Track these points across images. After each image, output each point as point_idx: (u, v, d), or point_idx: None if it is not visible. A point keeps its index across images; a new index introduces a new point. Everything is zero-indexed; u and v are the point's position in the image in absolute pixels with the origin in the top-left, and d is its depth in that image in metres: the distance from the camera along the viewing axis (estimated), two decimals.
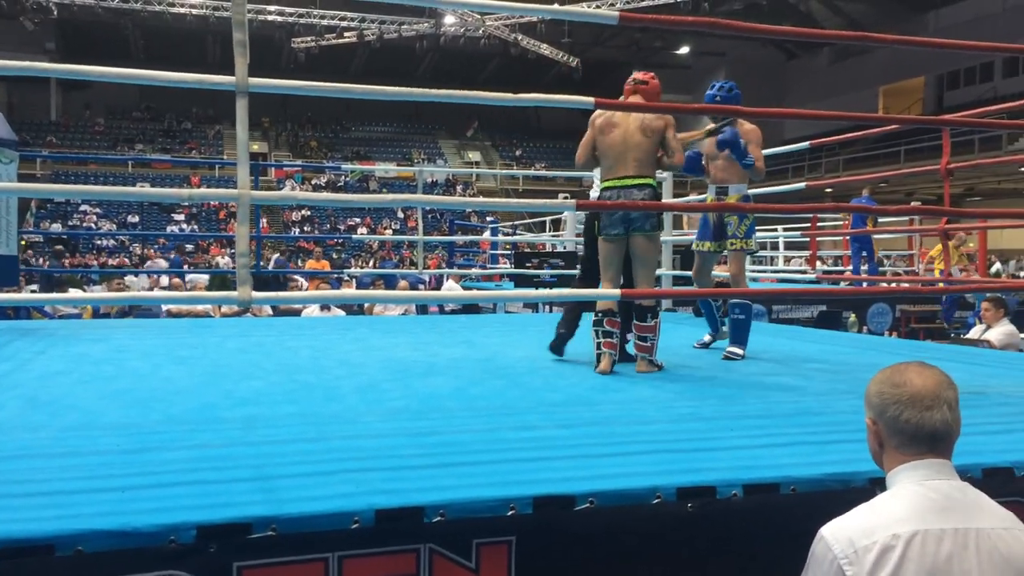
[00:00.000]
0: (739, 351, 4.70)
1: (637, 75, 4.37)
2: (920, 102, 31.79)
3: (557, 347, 4.59)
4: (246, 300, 2.63)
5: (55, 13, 27.66)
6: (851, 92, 32.52)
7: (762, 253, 14.32)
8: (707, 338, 5.28)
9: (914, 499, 1.58)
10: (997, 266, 19.33)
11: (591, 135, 4.31)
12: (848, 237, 11.66)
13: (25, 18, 27.46)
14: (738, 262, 4.97)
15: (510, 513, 1.91)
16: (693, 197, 7.02)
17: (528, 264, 9.50)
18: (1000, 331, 7.09)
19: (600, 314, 4.10)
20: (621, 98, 4.31)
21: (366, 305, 9.97)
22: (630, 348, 4.48)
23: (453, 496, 1.92)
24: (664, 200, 5.45)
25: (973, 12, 28.17)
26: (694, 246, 5.24)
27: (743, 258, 5.00)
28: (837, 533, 1.57)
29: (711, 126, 4.96)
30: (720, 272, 6.76)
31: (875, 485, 2.10)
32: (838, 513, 1.65)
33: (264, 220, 28.29)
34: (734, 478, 2.12)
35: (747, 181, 5.08)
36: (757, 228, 5.48)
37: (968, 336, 7.57)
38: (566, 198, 4.82)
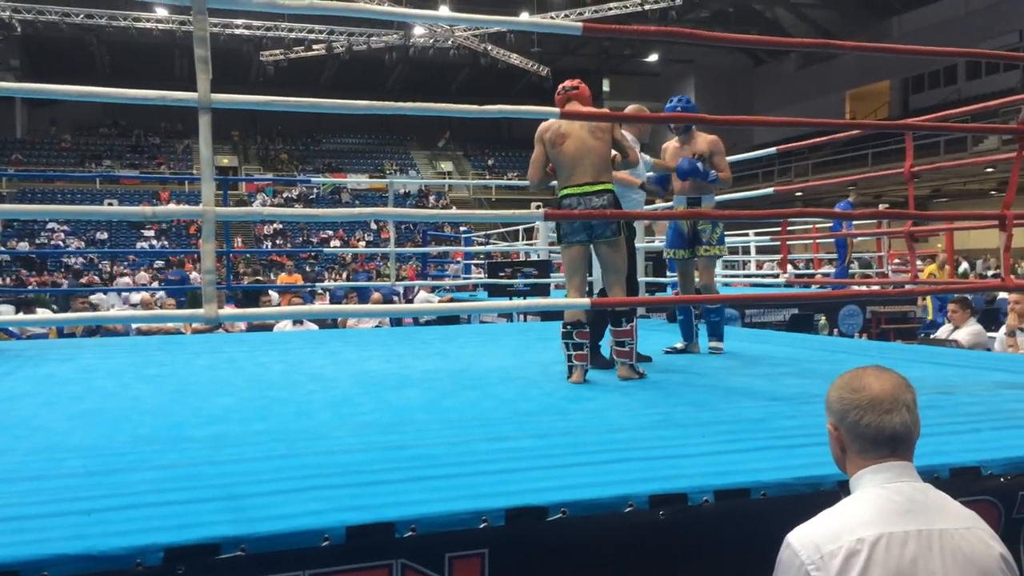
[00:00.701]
0: (721, 345, 5.19)
1: (566, 83, 4.35)
2: (886, 105, 32.23)
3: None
4: (213, 318, 2.61)
5: (19, 30, 27.36)
6: (818, 97, 32.94)
7: (734, 257, 14.45)
8: (679, 345, 5.36)
9: (877, 502, 1.60)
10: (964, 266, 19.62)
11: (541, 151, 4.25)
12: (832, 240, 11.91)
13: None
14: (710, 269, 5.30)
15: (482, 526, 1.91)
16: (660, 205, 7.07)
17: (502, 273, 9.49)
18: (968, 331, 7.18)
19: (569, 326, 4.06)
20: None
21: (339, 318, 9.92)
22: (604, 350, 4.51)
23: (424, 510, 1.91)
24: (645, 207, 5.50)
25: (936, 17, 28.65)
26: (667, 254, 5.42)
27: (714, 264, 5.39)
28: (803, 539, 1.59)
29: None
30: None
31: (843, 489, 2.11)
32: (809, 517, 1.67)
33: (240, 238, 28.13)
34: (705, 484, 2.13)
35: (715, 191, 5.34)
36: (728, 232, 5.77)
37: (936, 336, 7.66)
38: (538, 207, 4.84)
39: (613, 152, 4.24)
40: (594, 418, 3.17)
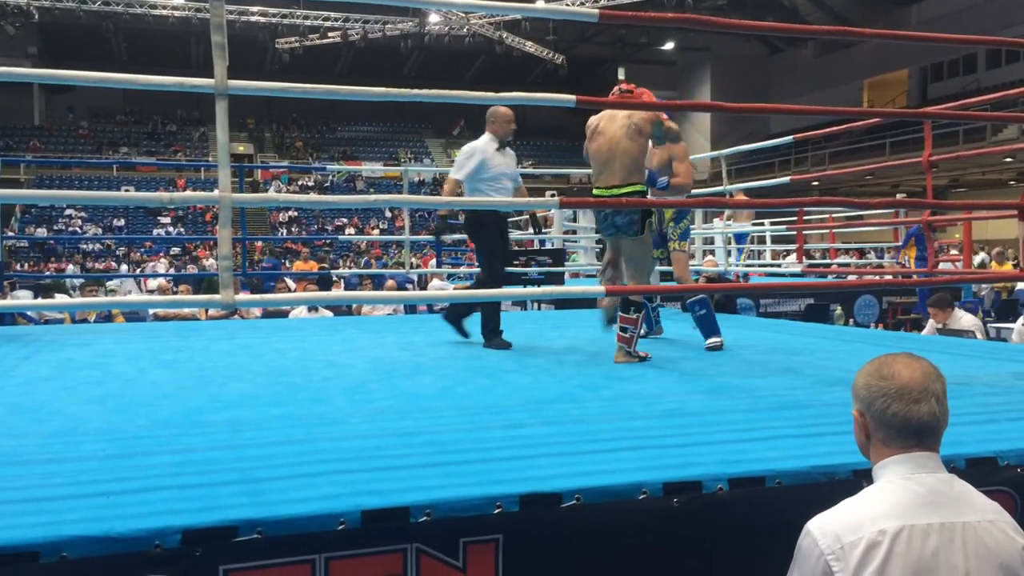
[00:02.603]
0: (718, 340, 4.91)
1: (621, 86, 4.56)
2: (905, 94, 31.93)
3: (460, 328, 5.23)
4: (229, 303, 2.62)
5: (36, 17, 27.48)
6: (836, 85, 32.65)
7: (749, 247, 14.37)
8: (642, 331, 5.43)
9: (900, 494, 1.57)
10: (982, 256, 19.45)
11: (586, 144, 4.53)
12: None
13: (6, 22, 27.29)
14: (680, 263, 5.35)
15: (497, 511, 1.92)
16: None
17: (516, 262, 9.47)
18: (970, 322, 7.18)
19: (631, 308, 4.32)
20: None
21: (354, 305, 9.94)
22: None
23: (439, 495, 1.92)
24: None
25: (955, 5, 28.31)
26: None
27: (684, 258, 5.41)
28: (824, 528, 1.56)
29: None
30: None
31: (859, 477, 2.11)
32: (824, 505, 1.65)
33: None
34: (720, 472, 2.13)
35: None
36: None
37: (924, 333, 7.61)
38: (552, 195, 4.85)
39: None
40: (609, 406, 3.18)
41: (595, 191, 4.42)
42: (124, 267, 23.02)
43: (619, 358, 4.30)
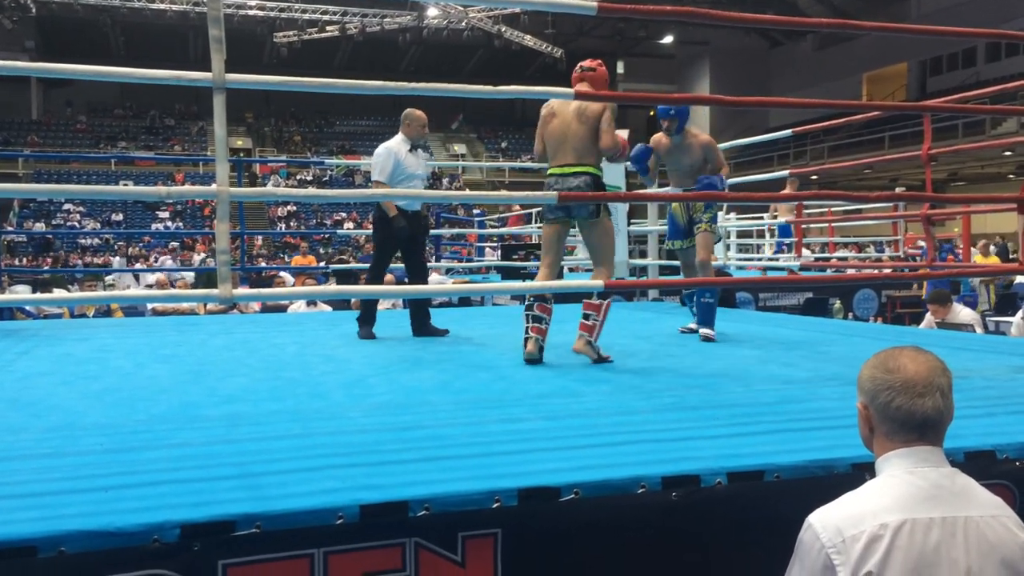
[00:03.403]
0: (712, 333, 4.92)
1: (584, 63, 4.41)
2: (904, 88, 31.90)
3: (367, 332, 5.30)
4: (228, 298, 2.62)
5: (34, 11, 27.41)
6: (835, 79, 32.62)
7: (748, 241, 14.37)
8: (693, 325, 5.37)
9: (903, 487, 1.57)
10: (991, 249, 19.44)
11: (540, 126, 4.37)
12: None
13: (3, 16, 27.22)
14: (707, 244, 5.14)
15: (495, 506, 1.92)
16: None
17: (515, 256, 9.49)
18: (969, 316, 7.18)
19: (532, 299, 4.07)
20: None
21: (353, 300, 9.92)
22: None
23: (438, 490, 1.92)
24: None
25: None
26: (667, 246, 5.42)
27: (710, 240, 5.18)
28: (825, 521, 1.56)
29: None
30: None
31: (858, 471, 2.11)
32: (822, 499, 1.65)
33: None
34: (718, 466, 2.13)
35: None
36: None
37: (922, 327, 7.61)
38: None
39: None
40: (607, 400, 3.17)
41: (550, 171, 4.24)
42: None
43: (578, 346, 4.09)
